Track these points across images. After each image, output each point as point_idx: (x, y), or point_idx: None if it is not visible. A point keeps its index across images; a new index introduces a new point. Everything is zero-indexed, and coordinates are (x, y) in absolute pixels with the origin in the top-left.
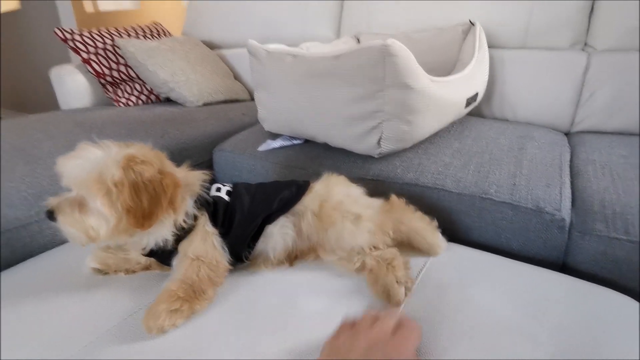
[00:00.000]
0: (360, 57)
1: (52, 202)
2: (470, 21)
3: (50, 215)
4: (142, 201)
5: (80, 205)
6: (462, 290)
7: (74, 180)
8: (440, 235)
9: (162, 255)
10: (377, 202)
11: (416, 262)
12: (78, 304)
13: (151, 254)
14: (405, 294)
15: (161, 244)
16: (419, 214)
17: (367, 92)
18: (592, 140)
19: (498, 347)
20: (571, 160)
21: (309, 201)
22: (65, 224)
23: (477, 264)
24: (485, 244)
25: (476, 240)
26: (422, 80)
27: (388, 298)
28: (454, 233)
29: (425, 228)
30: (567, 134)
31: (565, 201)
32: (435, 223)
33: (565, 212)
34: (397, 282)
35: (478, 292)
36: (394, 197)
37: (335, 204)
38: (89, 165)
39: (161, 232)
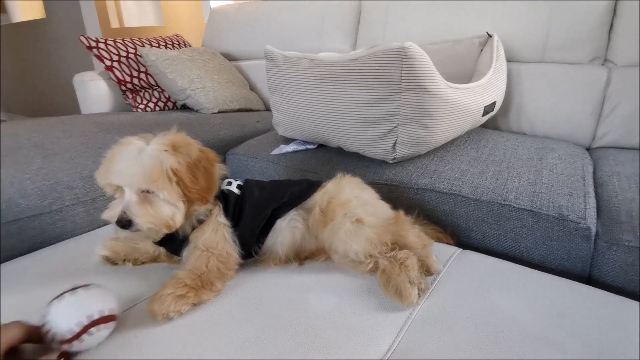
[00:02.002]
0: (378, 59)
1: (117, 213)
2: (487, 33)
3: (128, 223)
4: (199, 180)
5: (148, 201)
6: (482, 297)
7: (133, 179)
8: (433, 256)
9: (173, 245)
10: (385, 212)
11: None
12: None
13: (162, 243)
14: (419, 295)
15: (203, 218)
16: (418, 231)
17: (383, 94)
18: (615, 154)
19: (524, 353)
20: (594, 173)
21: (318, 197)
22: (146, 223)
23: (497, 272)
24: (503, 252)
25: (494, 249)
26: (439, 83)
27: (400, 299)
28: (470, 241)
29: (418, 247)
30: (587, 149)
31: (590, 210)
32: (432, 242)
33: (591, 221)
34: (409, 282)
35: (499, 299)
36: (401, 213)
37: (343, 202)
38: (145, 161)
39: (206, 207)
